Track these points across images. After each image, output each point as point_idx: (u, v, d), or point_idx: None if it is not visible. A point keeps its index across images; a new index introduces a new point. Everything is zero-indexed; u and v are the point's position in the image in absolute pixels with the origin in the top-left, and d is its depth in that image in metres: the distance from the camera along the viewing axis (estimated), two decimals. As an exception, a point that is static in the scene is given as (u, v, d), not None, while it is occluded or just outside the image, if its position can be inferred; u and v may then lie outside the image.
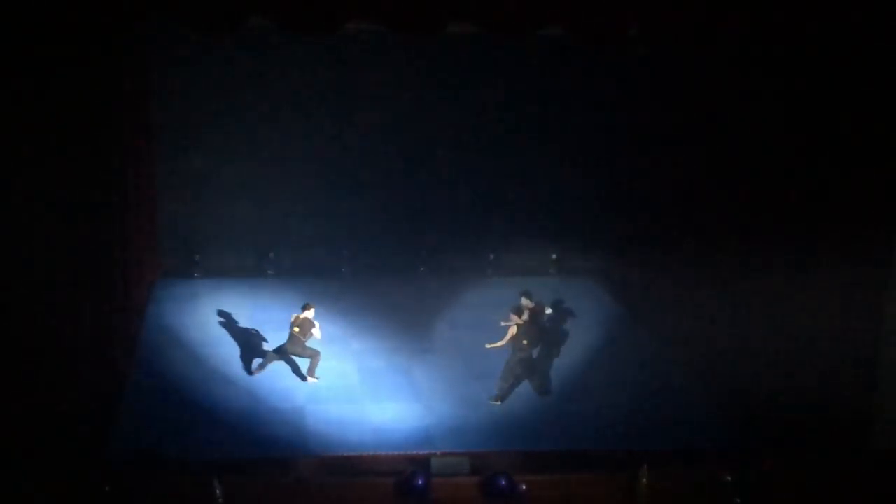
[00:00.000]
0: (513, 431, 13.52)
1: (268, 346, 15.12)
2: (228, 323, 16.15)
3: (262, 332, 15.70)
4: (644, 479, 11.86)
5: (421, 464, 12.18)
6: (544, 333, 15.00)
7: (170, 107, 17.26)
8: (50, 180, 12.60)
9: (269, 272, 18.49)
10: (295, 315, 14.43)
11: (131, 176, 15.54)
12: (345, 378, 14.77)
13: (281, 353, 14.58)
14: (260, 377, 14.53)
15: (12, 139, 12.16)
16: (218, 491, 11.12)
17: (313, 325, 14.38)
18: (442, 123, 18.51)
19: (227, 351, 15.37)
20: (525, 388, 14.54)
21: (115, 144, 14.20)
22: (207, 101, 17.70)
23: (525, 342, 14.22)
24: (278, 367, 14.70)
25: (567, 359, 15.55)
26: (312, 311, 14.46)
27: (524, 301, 14.80)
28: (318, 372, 14.50)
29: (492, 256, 19.25)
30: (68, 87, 12.44)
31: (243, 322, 16.16)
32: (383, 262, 18.76)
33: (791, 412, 13.24)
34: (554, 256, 18.94)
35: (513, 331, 14.26)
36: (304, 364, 14.65)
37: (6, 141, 12.12)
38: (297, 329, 14.34)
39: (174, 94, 17.29)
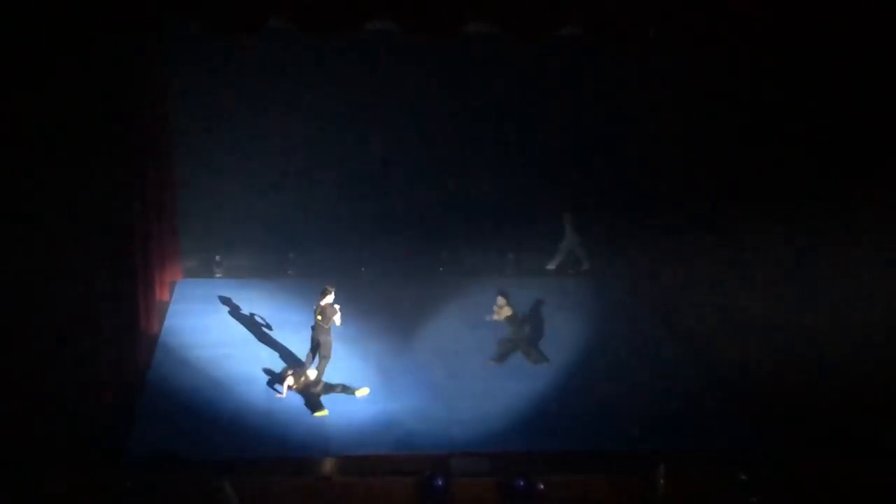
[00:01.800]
0: (531, 432, 13.51)
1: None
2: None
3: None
4: (661, 479, 11.82)
5: (440, 464, 12.19)
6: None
7: (191, 108, 17.40)
8: (72, 181, 12.70)
9: (289, 272, 18.55)
10: (316, 303, 14.41)
11: (153, 177, 15.67)
12: (364, 378, 14.78)
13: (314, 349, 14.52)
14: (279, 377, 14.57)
15: (35, 141, 12.26)
16: (230, 491, 11.13)
17: (335, 311, 14.27)
18: (463, 123, 18.53)
19: (248, 351, 15.42)
20: (543, 390, 14.56)
21: (137, 145, 14.32)
22: (229, 102, 17.86)
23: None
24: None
25: (584, 358, 15.56)
26: (331, 294, 14.30)
27: (500, 300, 15.45)
28: (333, 375, 14.48)
29: (511, 256, 19.24)
30: (91, 89, 12.54)
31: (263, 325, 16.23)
32: (403, 263, 18.77)
33: (808, 411, 13.19)
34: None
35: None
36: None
37: (29, 143, 12.22)
38: (319, 317, 14.28)
39: (196, 95, 17.43)
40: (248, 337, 15.89)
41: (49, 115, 12.31)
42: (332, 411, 13.79)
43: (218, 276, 18.35)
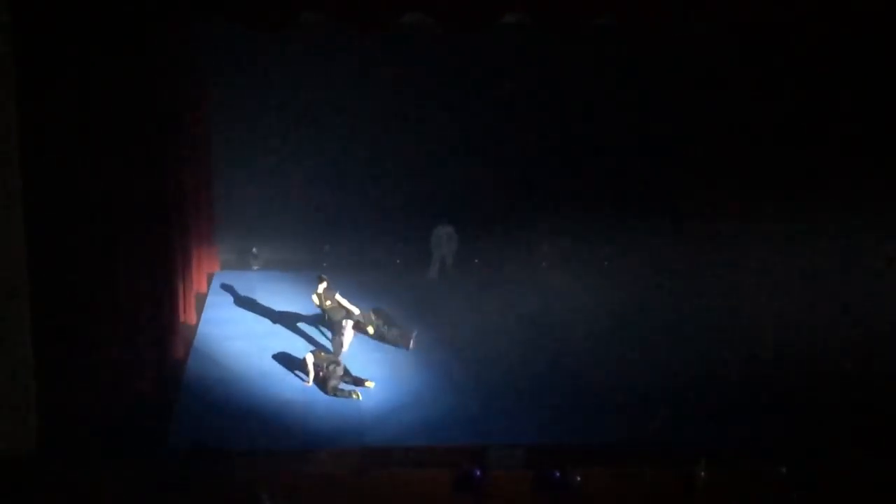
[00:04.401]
0: (568, 424, 13.48)
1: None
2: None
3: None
4: (702, 472, 11.76)
5: (477, 456, 12.22)
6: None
7: (227, 102, 17.49)
8: (110, 175, 12.79)
9: (324, 264, 18.64)
10: (314, 293, 14.84)
11: (189, 171, 15.78)
12: (400, 370, 14.85)
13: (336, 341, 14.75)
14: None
15: (74, 135, 12.37)
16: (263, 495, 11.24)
17: (333, 293, 14.67)
18: (498, 116, 18.48)
19: (284, 342, 15.52)
20: (586, 381, 14.55)
21: (174, 139, 14.41)
22: (264, 96, 17.93)
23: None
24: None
25: (623, 351, 15.51)
26: (325, 282, 14.94)
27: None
28: (364, 367, 14.56)
29: (544, 247, 19.19)
30: (126, 84, 12.61)
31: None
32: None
33: (847, 406, 13.08)
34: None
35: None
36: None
37: (67, 137, 12.34)
38: (318, 303, 14.72)
39: (231, 89, 17.51)
40: (284, 328, 15.99)
41: (85, 111, 12.40)
42: (367, 403, 13.87)
43: (254, 268, 18.53)
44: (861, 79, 15.52)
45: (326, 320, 15.29)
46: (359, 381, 14.19)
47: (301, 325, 16.09)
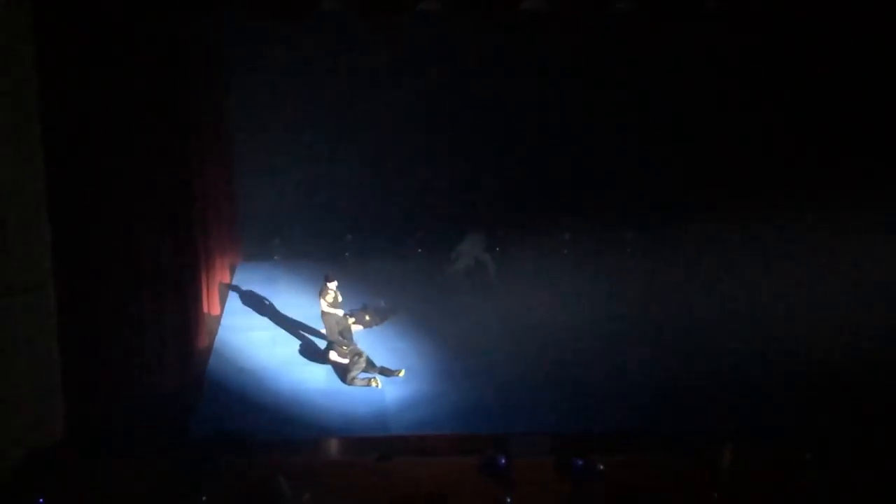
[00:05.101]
0: (591, 411, 13.45)
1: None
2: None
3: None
4: (726, 459, 11.69)
5: (499, 443, 12.21)
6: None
7: (248, 93, 17.53)
8: (133, 169, 12.87)
9: (346, 254, 18.69)
10: (324, 288, 14.64)
11: (212, 163, 15.85)
12: (423, 358, 14.87)
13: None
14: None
15: (94, 129, 12.45)
16: (284, 483, 11.25)
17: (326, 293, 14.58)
18: (522, 102, 18.41)
19: (307, 332, 15.58)
20: (609, 368, 14.49)
21: (197, 132, 14.47)
22: (284, 85, 17.94)
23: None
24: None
25: (644, 337, 15.46)
26: (335, 281, 14.71)
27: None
28: (385, 356, 14.57)
29: (567, 236, 19.13)
30: (146, 75, 12.67)
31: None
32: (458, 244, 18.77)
33: (871, 389, 12.98)
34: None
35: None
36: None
37: (89, 132, 12.41)
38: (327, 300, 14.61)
39: (253, 80, 17.55)
40: (306, 318, 16.03)
41: (106, 104, 12.46)
42: (390, 392, 13.89)
43: (276, 258, 18.57)
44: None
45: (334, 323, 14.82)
46: (387, 371, 14.20)
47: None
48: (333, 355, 14.32)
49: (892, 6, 13.05)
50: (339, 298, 14.81)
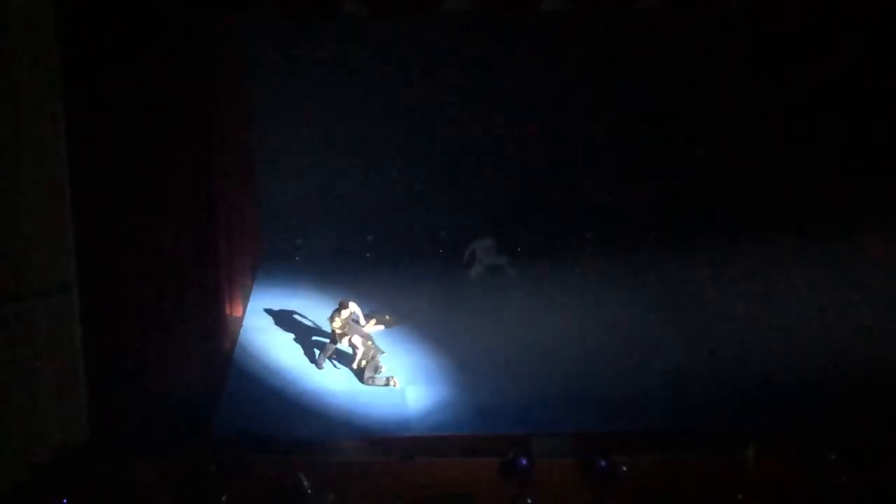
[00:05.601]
0: (614, 412, 13.39)
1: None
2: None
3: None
4: (750, 459, 11.62)
5: (522, 444, 12.19)
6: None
7: (270, 94, 17.58)
8: (156, 169, 12.92)
9: (368, 255, 18.71)
10: (335, 316, 14.42)
11: (234, 161, 15.90)
12: (444, 358, 14.86)
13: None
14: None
15: (120, 131, 12.52)
16: (305, 483, 11.27)
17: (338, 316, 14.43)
18: (542, 104, 18.36)
19: (329, 332, 15.57)
20: (632, 368, 14.44)
21: (217, 131, 14.51)
22: (305, 87, 17.97)
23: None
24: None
25: (667, 337, 15.38)
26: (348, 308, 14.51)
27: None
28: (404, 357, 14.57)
29: (589, 235, 19.05)
30: (168, 76, 12.72)
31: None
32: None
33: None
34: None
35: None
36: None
37: (115, 133, 12.48)
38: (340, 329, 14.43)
39: (275, 81, 17.60)
40: (328, 318, 16.04)
41: (128, 105, 12.53)
42: (412, 393, 13.89)
43: (298, 259, 18.62)
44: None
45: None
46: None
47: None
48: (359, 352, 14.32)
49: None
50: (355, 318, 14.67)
